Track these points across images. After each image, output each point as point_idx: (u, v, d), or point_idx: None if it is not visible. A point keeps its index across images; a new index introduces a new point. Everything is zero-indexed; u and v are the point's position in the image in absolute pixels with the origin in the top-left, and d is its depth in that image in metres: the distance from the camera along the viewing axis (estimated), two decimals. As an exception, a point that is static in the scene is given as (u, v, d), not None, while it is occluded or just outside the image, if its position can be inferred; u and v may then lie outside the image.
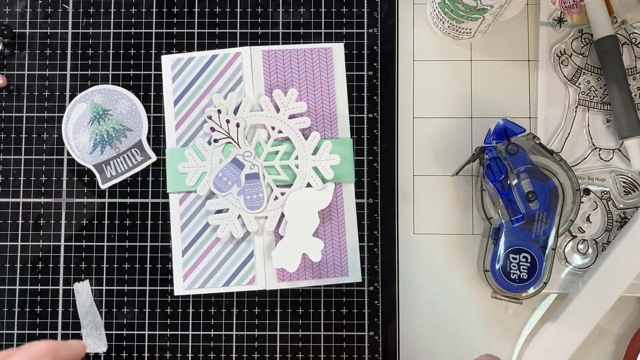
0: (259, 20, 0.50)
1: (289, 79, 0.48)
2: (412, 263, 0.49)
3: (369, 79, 0.50)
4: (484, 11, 0.43)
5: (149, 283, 0.49)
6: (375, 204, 0.49)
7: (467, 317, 0.48)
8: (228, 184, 0.47)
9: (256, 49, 0.48)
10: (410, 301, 0.49)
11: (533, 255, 0.44)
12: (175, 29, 0.50)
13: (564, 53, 0.49)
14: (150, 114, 0.50)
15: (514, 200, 0.44)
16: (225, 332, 0.48)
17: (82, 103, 0.49)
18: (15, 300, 0.49)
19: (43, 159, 0.50)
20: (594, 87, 0.49)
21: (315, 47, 0.48)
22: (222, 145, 0.47)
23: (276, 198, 0.46)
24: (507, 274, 0.44)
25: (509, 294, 0.44)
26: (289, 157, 0.47)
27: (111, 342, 0.48)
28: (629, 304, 0.48)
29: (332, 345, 0.48)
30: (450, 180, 0.49)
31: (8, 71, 0.50)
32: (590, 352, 0.48)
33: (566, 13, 0.49)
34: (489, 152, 0.45)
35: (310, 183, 0.46)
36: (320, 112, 0.48)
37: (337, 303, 0.48)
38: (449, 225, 0.49)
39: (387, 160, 0.49)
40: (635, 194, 0.48)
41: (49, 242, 0.49)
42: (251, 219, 0.46)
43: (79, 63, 0.50)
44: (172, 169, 0.47)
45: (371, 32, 0.50)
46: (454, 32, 0.48)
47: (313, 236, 0.46)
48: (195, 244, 0.47)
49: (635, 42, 0.49)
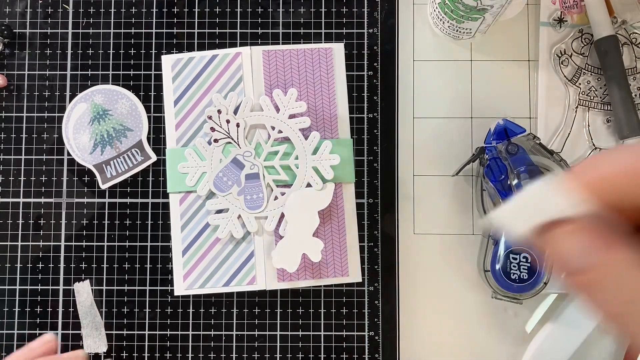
0: (259, 20, 0.50)
1: (289, 79, 0.48)
2: (412, 263, 0.49)
3: (369, 79, 0.50)
4: (484, 11, 0.43)
5: (149, 283, 0.49)
6: (375, 204, 0.49)
7: (467, 317, 0.48)
8: (228, 184, 0.47)
9: (256, 49, 0.48)
10: (410, 301, 0.49)
11: (533, 255, 0.44)
12: (175, 29, 0.50)
13: (564, 53, 0.49)
14: (150, 114, 0.50)
15: (514, 201, 0.44)
16: (225, 332, 0.48)
17: (82, 103, 0.49)
18: (15, 300, 0.49)
19: (43, 159, 0.50)
20: (594, 87, 0.49)
21: (315, 47, 0.48)
22: (222, 145, 0.47)
23: (276, 198, 0.46)
24: (507, 274, 0.44)
25: (509, 294, 0.44)
26: (289, 157, 0.47)
27: (111, 342, 0.48)
28: (629, 304, 0.48)
29: (332, 345, 0.48)
30: (450, 180, 0.49)
31: (8, 71, 0.50)
32: (590, 352, 0.48)
33: (566, 13, 0.49)
34: (489, 152, 0.45)
35: (310, 183, 0.46)
36: (320, 112, 0.48)
37: (337, 303, 0.48)
38: (449, 225, 0.49)
39: (387, 160, 0.49)
40: (635, 194, 0.48)
41: (49, 242, 0.49)
42: (251, 219, 0.46)
43: (79, 63, 0.50)
44: (172, 169, 0.47)
45: (371, 32, 0.50)
46: (454, 32, 0.48)
47: (313, 236, 0.46)
48: (195, 244, 0.47)
49: (635, 42, 0.49)
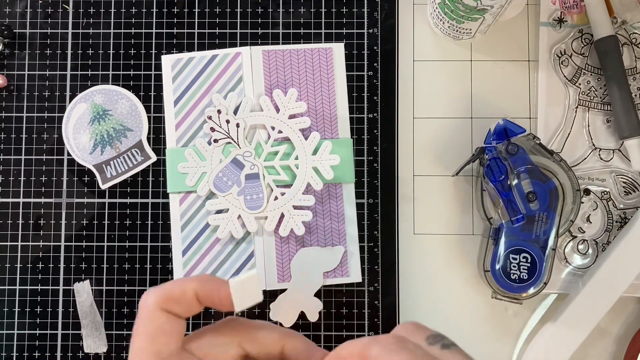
0: (259, 20, 0.50)
1: (289, 79, 0.48)
2: (412, 263, 0.49)
3: (369, 79, 0.50)
4: (484, 11, 0.43)
5: (149, 283, 0.49)
6: (375, 204, 0.49)
7: (467, 317, 0.48)
8: (228, 184, 0.47)
9: (256, 49, 0.48)
10: (410, 301, 0.49)
11: (533, 255, 0.44)
12: (175, 29, 0.50)
13: (564, 53, 0.49)
14: (150, 114, 0.50)
15: (514, 201, 0.44)
16: (225, 332, 0.48)
17: (82, 103, 0.49)
18: (15, 300, 0.49)
19: (43, 159, 0.50)
20: (594, 87, 0.49)
21: (315, 47, 0.48)
22: (222, 145, 0.47)
23: (276, 198, 0.46)
24: (507, 274, 0.44)
25: (509, 294, 0.44)
26: (289, 157, 0.47)
27: (111, 342, 0.48)
28: (629, 304, 0.48)
29: (332, 345, 0.48)
30: (450, 180, 0.49)
31: (8, 71, 0.50)
32: (590, 352, 0.48)
33: (566, 13, 0.49)
34: (489, 152, 0.45)
35: (310, 183, 0.46)
36: (320, 112, 0.48)
37: (337, 303, 0.48)
38: (449, 225, 0.49)
39: (387, 160, 0.49)
40: (636, 194, 0.48)
41: (49, 242, 0.49)
42: (251, 219, 0.46)
43: (79, 63, 0.50)
44: (172, 169, 0.47)
45: (371, 32, 0.50)
46: (454, 33, 0.48)
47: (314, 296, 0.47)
48: (195, 244, 0.47)
49: (635, 42, 0.49)
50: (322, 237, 0.47)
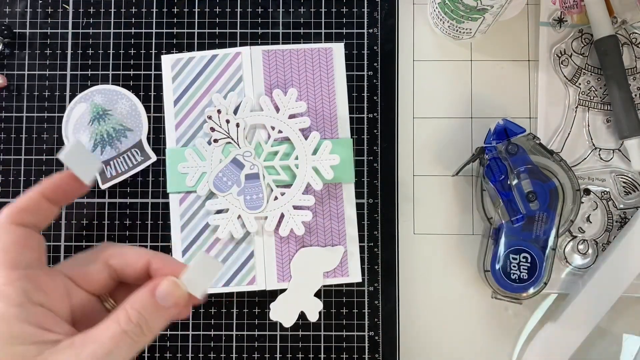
0: (259, 20, 0.50)
1: (289, 79, 0.48)
2: (412, 263, 0.49)
3: (369, 79, 0.50)
4: (484, 11, 0.43)
5: (149, 283, 0.49)
6: (375, 204, 0.49)
7: (467, 317, 0.48)
8: (228, 184, 0.47)
9: (256, 49, 0.48)
10: (410, 301, 0.49)
11: (533, 255, 0.44)
12: (175, 29, 0.50)
13: (564, 53, 0.49)
14: (150, 114, 0.50)
15: (514, 201, 0.44)
16: (225, 332, 0.48)
17: (82, 103, 0.49)
18: (15, 300, 0.49)
19: (43, 159, 0.50)
20: (594, 87, 0.49)
21: (315, 47, 0.48)
22: (222, 145, 0.47)
23: (276, 198, 0.46)
24: (507, 274, 0.44)
25: (509, 294, 0.44)
26: (288, 157, 0.47)
27: (111, 342, 0.48)
28: (629, 304, 0.48)
29: (332, 345, 0.48)
30: (450, 180, 0.49)
31: (8, 71, 0.50)
32: (590, 352, 0.48)
33: (566, 13, 0.49)
34: (489, 152, 0.45)
35: (310, 183, 0.46)
36: (320, 112, 0.48)
37: (337, 303, 0.48)
38: (449, 225, 0.49)
39: (387, 160, 0.49)
40: (636, 194, 0.48)
41: (49, 242, 0.49)
42: (251, 219, 0.46)
43: (79, 63, 0.50)
44: (172, 169, 0.47)
45: (371, 32, 0.50)
46: (454, 32, 0.48)
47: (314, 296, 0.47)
48: (195, 244, 0.47)
49: (635, 42, 0.49)
50: (322, 237, 0.47)
